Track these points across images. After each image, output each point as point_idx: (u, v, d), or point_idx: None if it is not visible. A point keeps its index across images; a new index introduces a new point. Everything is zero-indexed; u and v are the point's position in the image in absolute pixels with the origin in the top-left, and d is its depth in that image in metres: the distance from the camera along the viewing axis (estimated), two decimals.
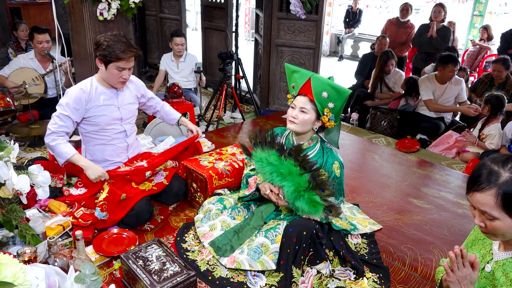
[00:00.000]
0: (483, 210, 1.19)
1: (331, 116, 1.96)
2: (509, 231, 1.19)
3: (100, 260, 2.01)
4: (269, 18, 4.54)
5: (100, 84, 2.35)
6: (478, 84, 4.63)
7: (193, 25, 11.90)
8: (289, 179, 1.92)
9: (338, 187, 2.05)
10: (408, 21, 5.61)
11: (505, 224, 1.17)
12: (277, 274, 1.90)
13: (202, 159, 2.61)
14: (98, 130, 2.38)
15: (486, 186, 1.16)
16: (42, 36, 3.88)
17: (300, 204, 1.90)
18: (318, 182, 1.88)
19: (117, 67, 2.22)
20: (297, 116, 1.99)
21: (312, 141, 2.08)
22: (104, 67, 2.25)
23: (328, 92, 1.91)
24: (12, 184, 1.77)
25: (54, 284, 1.25)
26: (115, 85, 2.33)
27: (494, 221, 1.18)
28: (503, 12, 9.30)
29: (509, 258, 1.25)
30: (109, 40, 2.19)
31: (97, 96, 2.32)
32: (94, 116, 2.32)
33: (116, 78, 2.27)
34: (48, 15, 8.04)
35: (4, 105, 3.41)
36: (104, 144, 2.43)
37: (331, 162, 2.02)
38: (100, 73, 2.33)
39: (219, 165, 2.51)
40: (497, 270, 1.27)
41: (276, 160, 1.95)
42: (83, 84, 2.33)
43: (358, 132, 4.16)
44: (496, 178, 1.16)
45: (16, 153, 1.82)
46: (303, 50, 4.54)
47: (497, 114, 3.63)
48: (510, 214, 1.16)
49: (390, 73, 4.77)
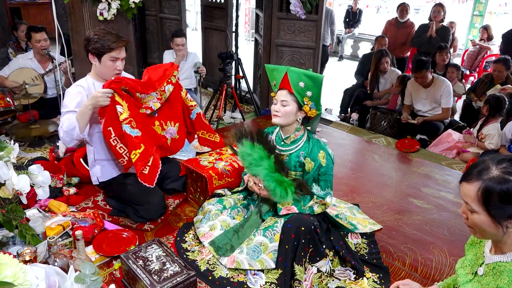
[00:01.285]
0: (466, 201, 1.22)
1: (311, 104, 2.03)
2: (487, 229, 1.21)
3: (100, 260, 2.01)
4: (269, 18, 4.54)
5: (96, 80, 2.38)
6: (478, 84, 4.62)
7: (193, 25, 11.89)
8: (262, 164, 2.01)
9: (324, 177, 2.07)
10: (407, 21, 5.58)
11: (481, 220, 1.20)
12: (276, 271, 1.91)
13: (202, 159, 2.61)
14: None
15: (474, 178, 1.20)
16: (40, 35, 3.89)
17: (272, 185, 1.97)
18: (279, 161, 2.00)
19: (110, 58, 2.26)
20: (279, 109, 2.06)
21: (298, 133, 2.13)
22: (98, 61, 2.29)
23: (304, 81, 1.99)
24: (12, 184, 1.78)
25: (54, 284, 1.25)
26: (111, 77, 2.33)
27: (473, 214, 1.21)
28: (503, 12, 9.30)
29: (499, 262, 1.25)
30: (99, 34, 2.24)
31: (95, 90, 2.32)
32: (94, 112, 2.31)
33: (111, 70, 2.30)
34: (48, 15, 8.05)
35: (4, 105, 3.41)
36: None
37: (316, 152, 2.07)
38: (95, 69, 2.36)
39: (219, 165, 2.51)
40: (488, 273, 1.27)
41: (251, 149, 2.05)
42: (80, 82, 2.36)
43: (358, 132, 4.16)
44: (485, 173, 1.18)
45: (16, 153, 1.83)
46: (303, 50, 4.53)
47: (495, 115, 3.62)
48: (487, 211, 1.18)
49: (385, 71, 4.75)
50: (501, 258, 1.24)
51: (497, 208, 1.16)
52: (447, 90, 4.10)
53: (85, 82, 2.35)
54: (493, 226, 1.19)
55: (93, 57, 2.29)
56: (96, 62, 2.30)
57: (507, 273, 1.21)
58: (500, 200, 1.15)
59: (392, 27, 5.66)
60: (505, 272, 1.21)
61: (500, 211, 1.16)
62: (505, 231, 1.20)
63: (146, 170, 2.19)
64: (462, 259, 1.44)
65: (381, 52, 4.71)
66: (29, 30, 3.95)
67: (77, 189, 2.66)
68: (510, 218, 1.17)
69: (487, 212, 1.18)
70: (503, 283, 1.20)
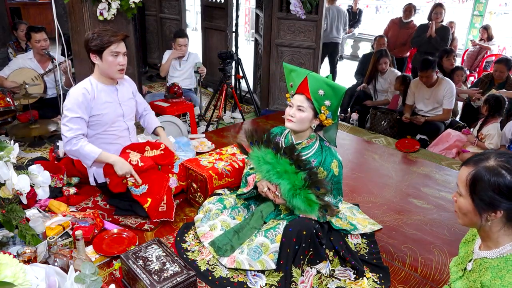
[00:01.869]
0: (457, 184, 1.25)
1: (328, 114, 1.97)
2: (467, 214, 1.23)
3: (100, 260, 2.01)
4: (269, 18, 4.54)
5: (99, 81, 2.39)
6: (478, 84, 4.63)
7: (193, 25, 11.89)
8: (285, 177, 1.93)
9: (336, 186, 2.05)
10: (411, 22, 5.58)
11: (465, 204, 1.22)
12: (277, 274, 1.90)
13: (202, 159, 2.61)
14: (104, 131, 2.42)
15: (472, 163, 1.22)
16: (39, 35, 3.89)
17: (296, 202, 1.91)
18: (314, 181, 1.90)
19: (111, 53, 2.28)
20: (294, 114, 2.00)
21: (310, 140, 2.08)
22: (100, 59, 2.30)
23: (324, 89, 1.92)
24: (12, 184, 1.77)
25: (54, 284, 1.25)
26: (114, 74, 2.36)
27: (460, 197, 1.24)
28: (503, 12, 9.30)
29: (485, 258, 1.25)
30: (97, 32, 2.29)
31: (99, 93, 2.36)
32: (98, 114, 2.35)
33: (114, 65, 2.31)
34: (48, 15, 8.06)
35: (4, 105, 3.41)
36: (110, 143, 2.47)
37: (329, 161, 2.03)
38: (97, 69, 2.37)
39: (219, 165, 2.51)
40: (475, 269, 1.28)
41: (272, 159, 1.97)
42: (83, 84, 2.36)
43: (358, 132, 4.16)
44: (483, 162, 1.20)
45: (16, 153, 1.83)
46: (303, 50, 4.53)
47: (495, 115, 3.62)
48: (471, 197, 1.20)
49: (384, 71, 4.74)
50: (487, 254, 1.25)
51: (480, 197, 1.17)
52: (450, 91, 4.08)
53: (89, 84, 2.35)
54: (473, 213, 1.21)
55: (95, 56, 2.30)
56: (98, 60, 2.31)
57: (491, 269, 1.21)
58: (485, 190, 1.16)
59: (395, 26, 5.66)
60: (489, 269, 1.22)
61: (482, 201, 1.18)
62: (483, 223, 1.21)
63: (164, 207, 2.33)
64: (456, 257, 1.45)
65: (380, 52, 4.70)
66: (29, 30, 3.96)
67: (77, 189, 2.66)
68: (490, 210, 1.17)
69: (471, 198, 1.20)
70: (486, 279, 1.21)
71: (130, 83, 2.62)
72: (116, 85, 2.47)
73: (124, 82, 2.55)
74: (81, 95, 2.28)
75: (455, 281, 1.36)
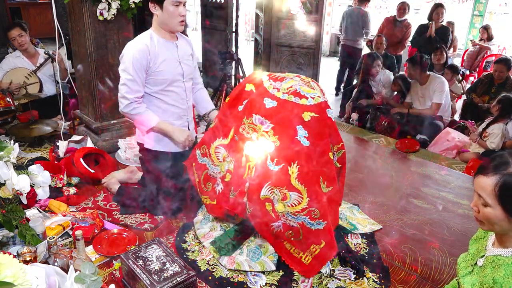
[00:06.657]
0: (480, 194, 1.21)
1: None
2: (498, 222, 1.20)
3: (100, 260, 2.01)
4: (269, 18, 4.54)
5: (160, 36, 2.26)
6: (478, 84, 4.62)
7: (193, 25, 11.88)
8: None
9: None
10: (405, 20, 5.59)
11: (494, 214, 1.19)
12: (278, 273, 1.91)
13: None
14: (161, 90, 2.31)
15: (492, 171, 1.18)
16: (13, 32, 3.74)
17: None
18: None
19: (173, 2, 2.14)
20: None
21: None
22: (160, 8, 2.17)
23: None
24: (12, 184, 1.78)
25: (54, 284, 1.25)
26: (176, 27, 2.24)
27: (487, 208, 1.20)
28: (503, 12, 9.29)
29: (499, 256, 1.25)
30: None
31: (160, 49, 2.24)
32: (158, 71, 2.24)
33: (175, 17, 2.18)
34: (48, 15, 8.04)
35: (4, 105, 3.40)
36: (167, 104, 2.35)
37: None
38: (157, 21, 2.24)
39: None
40: (487, 266, 1.28)
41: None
42: (143, 38, 2.24)
43: (358, 132, 4.15)
44: (504, 168, 1.17)
45: (16, 153, 1.83)
46: (303, 50, 4.53)
47: (505, 116, 3.59)
48: (502, 205, 1.17)
49: (376, 75, 4.67)
50: (502, 252, 1.25)
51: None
52: (440, 86, 4.13)
53: (149, 39, 2.22)
54: (506, 221, 1.19)
55: (154, 5, 2.17)
56: (158, 10, 2.18)
57: (505, 266, 1.21)
58: None
59: (390, 24, 5.67)
60: (502, 266, 1.22)
61: None
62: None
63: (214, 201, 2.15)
64: (465, 254, 1.45)
65: (372, 56, 4.66)
66: (4, 30, 3.78)
67: (77, 189, 2.66)
68: None
69: (502, 207, 1.17)
70: (499, 276, 1.21)
71: (189, 42, 2.48)
72: (176, 41, 2.33)
73: (183, 39, 2.42)
74: (140, 51, 2.17)
75: (464, 276, 1.35)
